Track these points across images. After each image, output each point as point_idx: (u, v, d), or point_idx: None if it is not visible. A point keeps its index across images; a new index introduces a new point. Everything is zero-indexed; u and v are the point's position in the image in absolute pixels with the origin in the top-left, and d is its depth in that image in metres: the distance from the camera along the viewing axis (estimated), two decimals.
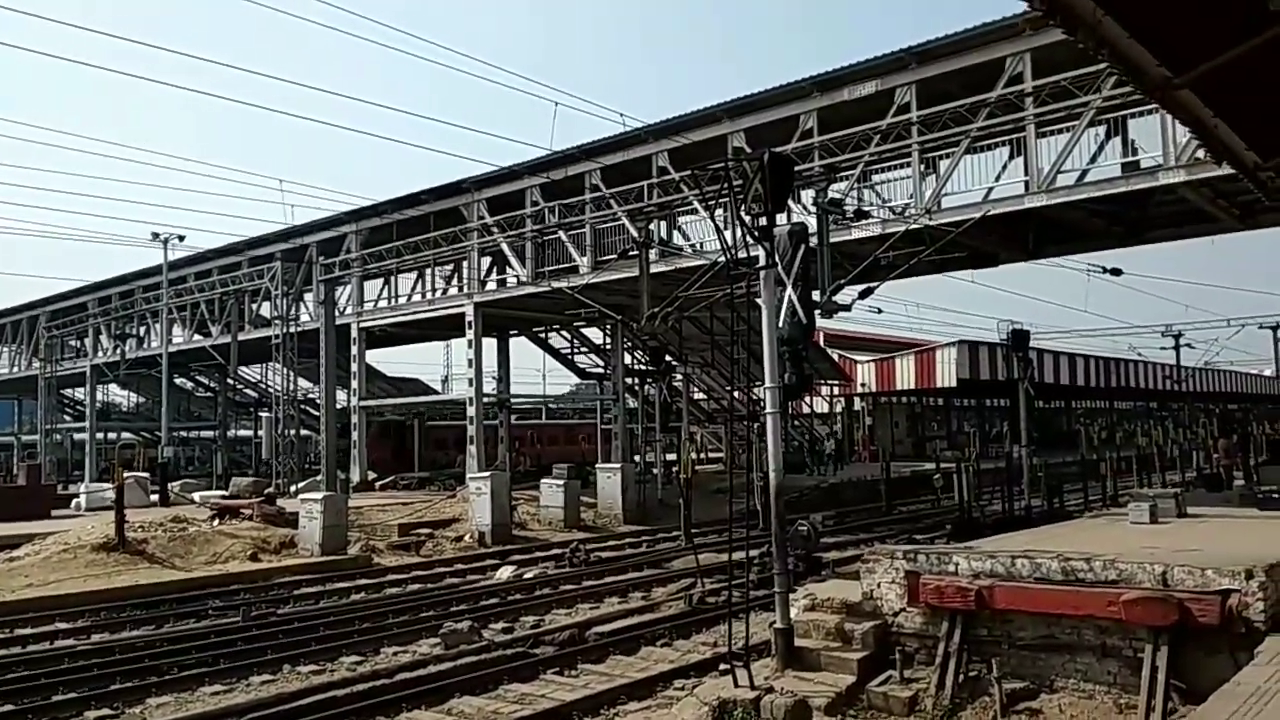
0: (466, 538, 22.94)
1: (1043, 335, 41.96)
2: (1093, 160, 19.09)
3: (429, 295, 33.23)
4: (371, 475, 33.49)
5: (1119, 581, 7.84)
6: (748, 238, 9.21)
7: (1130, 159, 18.99)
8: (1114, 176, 18.65)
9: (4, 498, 26.47)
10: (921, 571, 8.73)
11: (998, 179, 20.29)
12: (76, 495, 29.75)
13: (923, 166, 20.52)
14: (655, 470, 31.67)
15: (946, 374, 46.31)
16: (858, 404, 53.18)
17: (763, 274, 9.28)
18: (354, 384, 33.38)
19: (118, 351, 41.15)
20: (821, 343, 49.88)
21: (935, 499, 29.04)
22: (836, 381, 49.71)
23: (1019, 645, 8.21)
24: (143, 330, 42.59)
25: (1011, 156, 20.22)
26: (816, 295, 15.75)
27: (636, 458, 33.45)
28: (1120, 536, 10.38)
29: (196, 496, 27.72)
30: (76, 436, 49.64)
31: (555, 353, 41.66)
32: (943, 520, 23.56)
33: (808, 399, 50.13)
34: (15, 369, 50.88)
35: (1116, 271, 26.17)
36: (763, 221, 9.03)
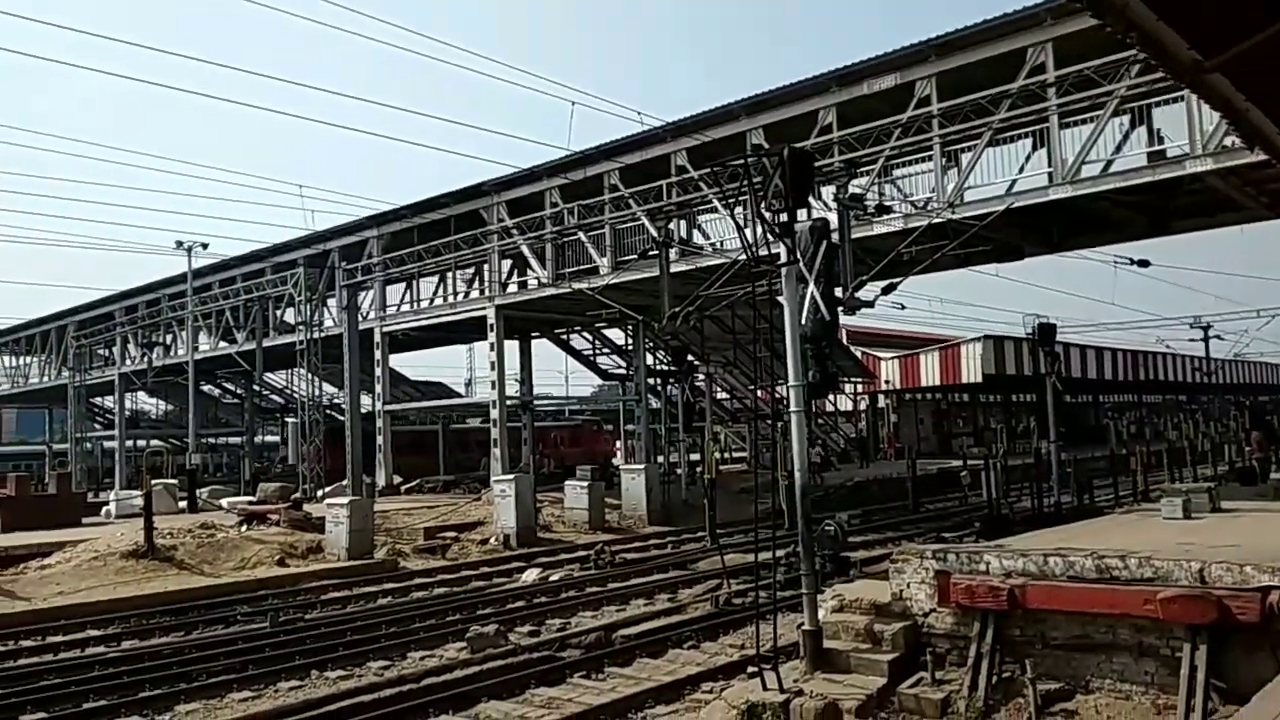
0: (492, 540, 22.96)
1: (1069, 329, 41.53)
2: (1117, 150, 18.82)
3: (450, 298, 33.33)
4: (397, 479, 33.63)
5: (1155, 579, 7.68)
6: (768, 234, 9.11)
7: (1156, 148, 18.73)
8: (1140, 166, 18.36)
9: (36, 506, 26.71)
10: (952, 571, 8.60)
11: (1021, 171, 20.06)
12: (106, 503, 30.06)
13: (944, 160, 20.33)
14: (679, 471, 31.57)
15: (972, 369, 45.86)
16: (882, 401, 52.81)
17: (784, 270, 9.18)
18: (378, 388, 33.55)
19: (145, 360, 41.58)
20: (845, 340, 49.63)
21: (963, 496, 28.73)
22: (860, 379, 49.38)
23: (1053, 645, 8.06)
24: (169, 338, 43.00)
25: (1035, 148, 19.96)
26: (839, 292, 15.60)
27: (660, 458, 33.37)
28: (1154, 533, 10.19)
29: (224, 503, 27.88)
30: (106, 444, 50.23)
31: (577, 354, 41.65)
32: (971, 517, 23.31)
33: (831, 397, 49.89)
34: (45, 379, 51.53)
35: (1144, 263, 25.82)
36: (783, 218, 8.93)
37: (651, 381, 35.80)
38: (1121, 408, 65.59)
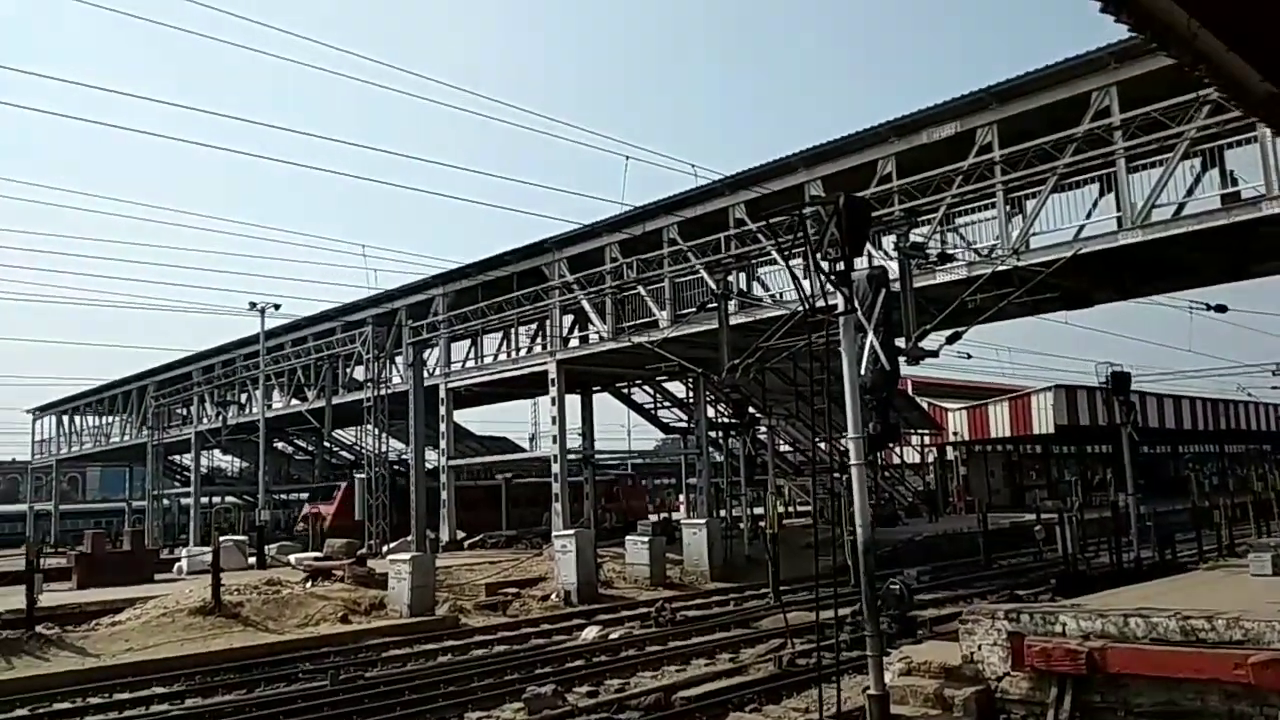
0: (553, 596, 22.78)
1: (1144, 377, 40.23)
2: (1189, 193, 18.30)
3: (513, 354, 33.65)
4: (460, 534, 33.73)
5: (1245, 642, 7.20)
6: (826, 284, 8.97)
7: (1230, 190, 18.15)
8: (1213, 209, 17.78)
9: (110, 563, 27.31)
10: (1026, 632, 8.19)
11: (1088, 216, 19.60)
12: (179, 559, 30.65)
13: (1008, 206, 19.98)
14: (742, 525, 31.10)
15: (1043, 420, 44.67)
16: (950, 453, 51.60)
17: (842, 320, 9.01)
18: (443, 444, 33.85)
19: (220, 418, 42.68)
20: (910, 391, 48.73)
21: (1037, 551, 27.74)
22: (926, 431, 48.37)
23: (1136, 712, 7.59)
24: (244, 397, 44.14)
25: (1102, 193, 19.50)
26: (901, 342, 15.30)
27: (722, 512, 32.91)
28: (1242, 591, 9.61)
29: (292, 559, 28.23)
30: (183, 501, 51.45)
31: (638, 408, 41.59)
32: (1046, 574, 22.44)
33: (898, 449, 48.90)
34: (126, 437, 53.22)
35: (1221, 308, 24.85)
36: (840, 266, 8.79)
37: (713, 434, 35.49)
38: (1202, 458, 63.05)
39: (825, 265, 8.91)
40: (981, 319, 19.55)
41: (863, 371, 9.23)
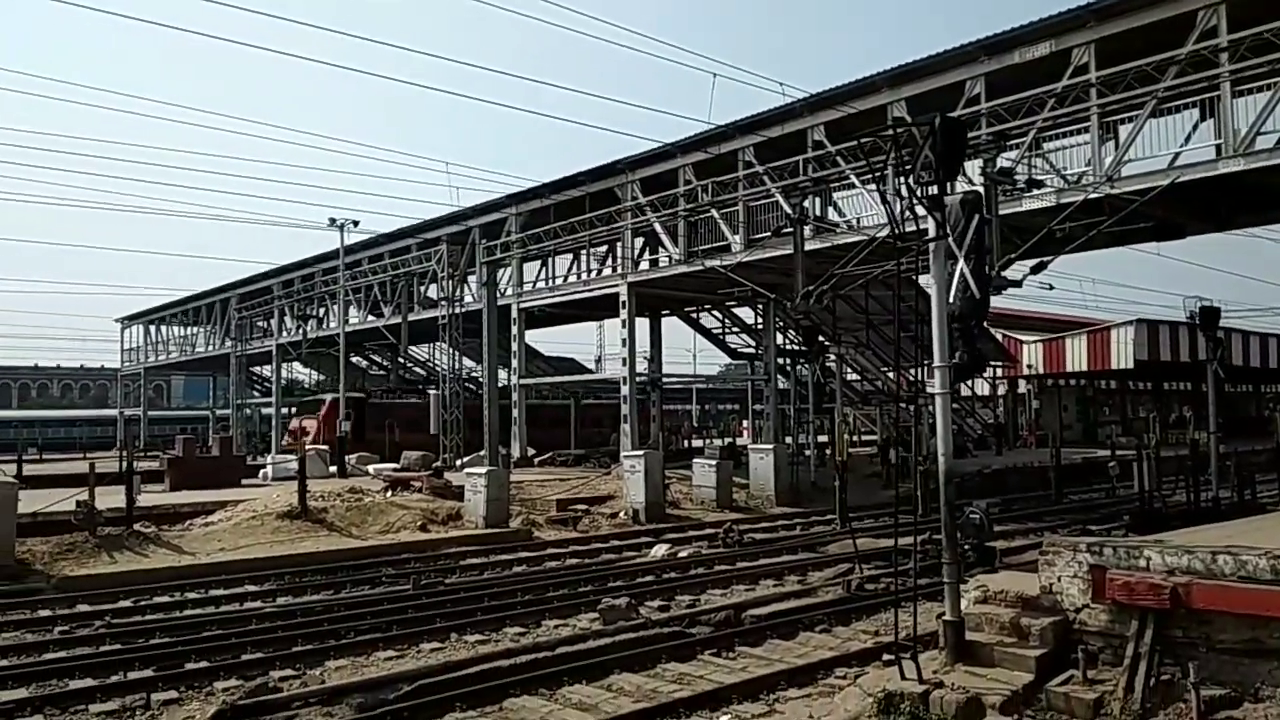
0: (621, 514, 23.26)
1: (1232, 313, 38.70)
2: None
3: (585, 276, 33.78)
4: (531, 451, 34.46)
5: None
6: (914, 209, 8.79)
7: None
8: None
9: (200, 467, 28.62)
10: (1108, 566, 8.14)
11: (1185, 142, 18.78)
12: (264, 465, 31.93)
13: (1101, 132, 19.20)
14: (808, 452, 31.18)
15: (1122, 355, 43.46)
16: (1023, 386, 50.68)
17: (932, 246, 8.84)
18: (514, 363, 34.40)
19: (300, 332, 43.90)
20: (985, 322, 47.73)
21: (1110, 488, 27.32)
22: (1001, 363, 47.51)
23: (1219, 649, 7.55)
24: (322, 311, 45.27)
25: (1203, 118, 18.63)
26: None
27: (788, 439, 33.01)
28: None
29: (370, 469, 29.20)
30: (264, 411, 53.37)
31: (707, 332, 41.56)
32: (1118, 510, 22.14)
33: (969, 381, 48.17)
34: (210, 348, 55.17)
35: None
36: (933, 190, 8.60)
37: (780, 361, 35.40)
38: None
39: (917, 190, 8.72)
40: (1069, 249, 18.99)
41: (951, 299, 9.08)
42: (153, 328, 62.06)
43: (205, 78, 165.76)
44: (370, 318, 41.00)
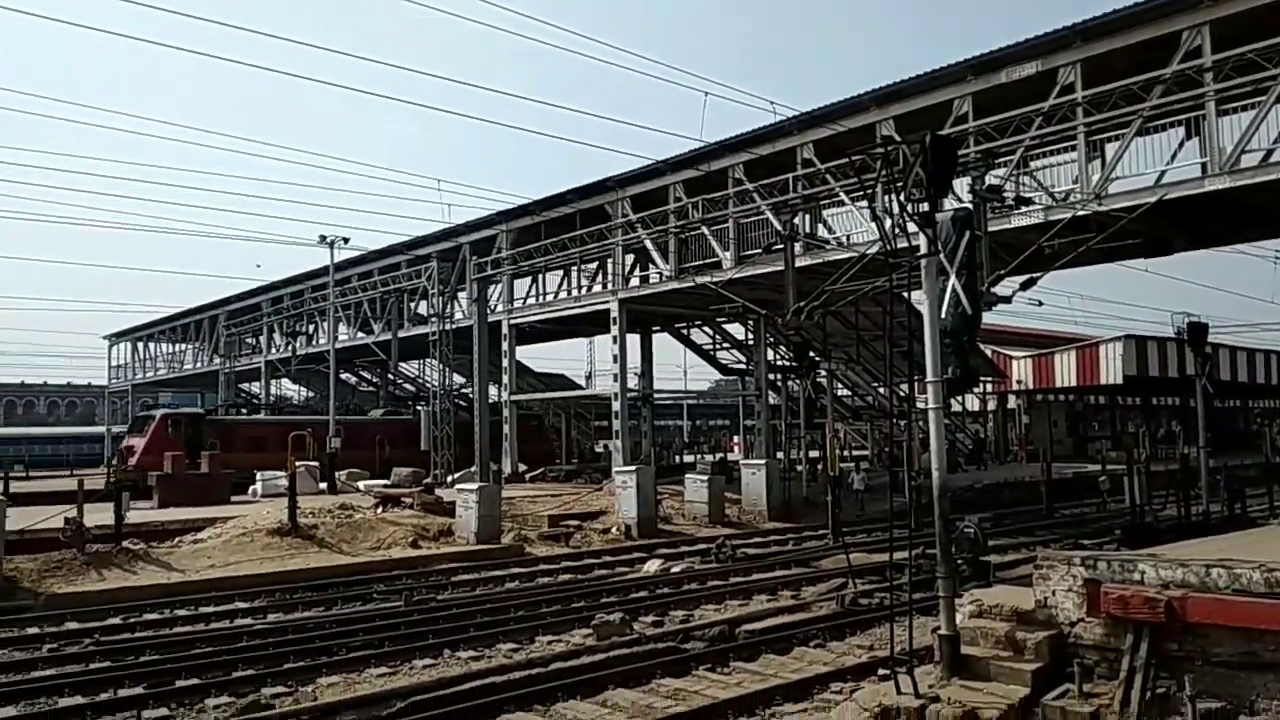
0: (613, 530, 23.22)
1: (1220, 329, 39.00)
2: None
3: (575, 292, 33.84)
4: (522, 467, 34.39)
5: None
6: (902, 226, 8.86)
7: None
8: None
9: (189, 484, 28.37)
10: (1103, 579, 8.17)
11: (1171, 160, 18.99)
12: (254, 482, 31.70)
13: (1089, 149, 19.39)
14: (799, 468, 31.21)
15: (1111, 370, 43.71)
16: (1012, 401, 50.91)
17: (924, 262, 8.91)
18: (505, 379, 34.37)
19: (289, 348, 43.77)
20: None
21: (1100, 502, 27.46)
22: (991, 378, 47.74)
23: (1215, 662, 7.57)
24: (312, 328, 45.13)
25: (1188, 136, 18.85)
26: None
27: (779, 455, 33.03)
28: None
29: (361, 485, 29.06)
30: None
31: (697, 348, 41.63)
32: (1109, 525, 22.23)
33: (958, 396, 48.36)
34: (198, 364, 54.92)
35: None
36: (924, 207, 8.67)
37: (771, 377, 35.46)
38: (1272, 413, 61.34)
39: (908, 207, 8.80)
40: (1058, 265, 19.13)
41: (943, 315, 9.14)
42: (140, 345, 61.77)
43: (197, 92, 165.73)
44: (360, 334, 40.96)
